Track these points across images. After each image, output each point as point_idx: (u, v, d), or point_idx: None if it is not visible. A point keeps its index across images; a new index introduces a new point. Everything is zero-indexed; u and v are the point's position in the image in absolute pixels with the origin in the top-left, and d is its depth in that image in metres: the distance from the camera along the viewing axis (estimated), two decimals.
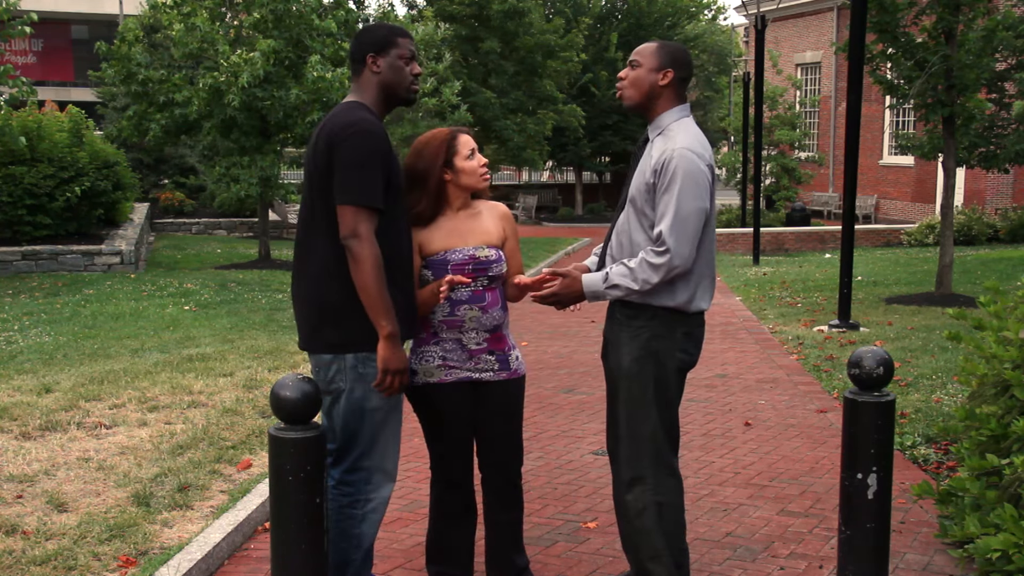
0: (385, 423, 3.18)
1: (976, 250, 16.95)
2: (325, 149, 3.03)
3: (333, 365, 3.11)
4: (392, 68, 3.15)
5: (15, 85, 12.11)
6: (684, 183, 3.10)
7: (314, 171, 3.08)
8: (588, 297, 3.23)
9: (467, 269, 3.33)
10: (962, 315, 4.33)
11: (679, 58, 3.26)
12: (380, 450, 3.20)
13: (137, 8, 23.94)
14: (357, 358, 3.09)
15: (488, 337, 3.39)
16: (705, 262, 3.27)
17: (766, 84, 22.09)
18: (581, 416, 6.25)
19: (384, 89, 3.17)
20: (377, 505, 3.24)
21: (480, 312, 3.35)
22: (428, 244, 3.34)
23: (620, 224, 3.31)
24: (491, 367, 3.41)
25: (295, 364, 7.32)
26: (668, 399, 3.29)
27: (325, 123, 3.10)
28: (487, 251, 3.37)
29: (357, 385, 3.11)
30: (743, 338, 9.16)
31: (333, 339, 3.09)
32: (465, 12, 25.78)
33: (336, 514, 3.20)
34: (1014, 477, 3.54)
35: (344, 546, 3.22)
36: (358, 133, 3.01)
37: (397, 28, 3.21)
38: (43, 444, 5.24)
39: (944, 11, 10.15)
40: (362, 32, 3.23)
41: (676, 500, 3.31)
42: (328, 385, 3.13)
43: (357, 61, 3.17)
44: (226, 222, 21.96)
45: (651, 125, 3.29)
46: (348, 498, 3.21)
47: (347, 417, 3.14)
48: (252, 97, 13.71)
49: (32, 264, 13.51)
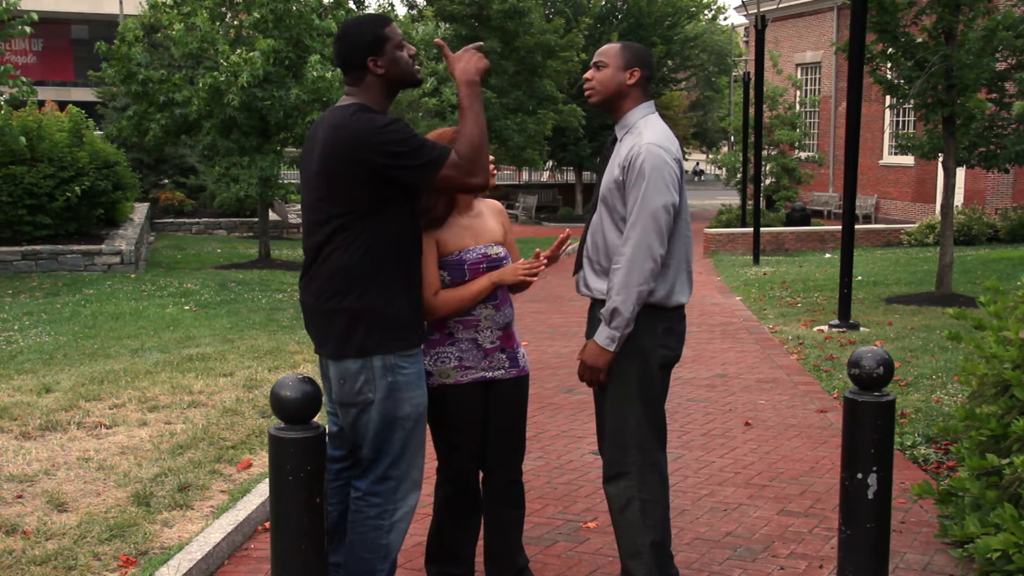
0: (414, 431, 3.10)
1: (976, 250, 16.95)
2: (348, 158, 2.92)
3: (361, 375, 3.01)
4: (393, 62, 3.05)
5: (15, 85, 12.12)
6: (652, 178, 3.13)
7: (331, 178, 2.96)
8: (607, 343, 3.20)
9: (482, 268, 3.35)
10: (962, 315, 4.33)
11: (643, 57, 3.32)
12: (409, 459, 3.12)
13: (137, 8, 23.97)
14: (385, 363, 3.00)
15: (500, 335, 3.43)
16: (680, 256, 3.28)
17: (766, 84, 22.10)
18: (581, 416, 6.25)
19: (390, 84, 3.08)
20: (405, 514, 3.15)
21: (494, 310, 3.38)
22: (444, 245, 3.35)
23: (594, 224, 3.34)
24: (502, 365, 3.44)
25: (295, 364, 7.32)
26: (653, 395, 3.30)
27: (333, 132, 2.97)
28: (496, 248, 3.42)
29: (387, 394, 3.02)
30: (743, 338, 9.15)
31: (359, 344, 2.99)
32: (465, 12, 25.79)
33: (362, 526, 3.12)
34: (1014, 477, 3.54)
35: (370, 557, 3.12)
36: (381, 131, 2.91)
37: (379, 18, 3.08)
38: (43, 444, 5.24)
39: (944, 11, 10.15)
40: (348, 35, 3.06)
41: (660, 498, 3.32)
42: (356, 396, 3.03)
43: (357, 68, 3.04)
44: (226, 222, 21.97)
45: (618, 124, 3.34)
46: (376, 509, 3.11)
47: (378, 427, 3.05)
48: (252, 97, 13.71)
49: (32, 264, 13.51)
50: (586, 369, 3.28)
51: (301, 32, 14.16)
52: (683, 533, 4.25)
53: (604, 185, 3.28)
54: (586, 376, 3.29)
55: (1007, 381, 3.91)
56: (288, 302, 11.26)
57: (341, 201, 2.97)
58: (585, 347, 3.29)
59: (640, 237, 3.13)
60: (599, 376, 3.26)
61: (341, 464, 3.30)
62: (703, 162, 53.61)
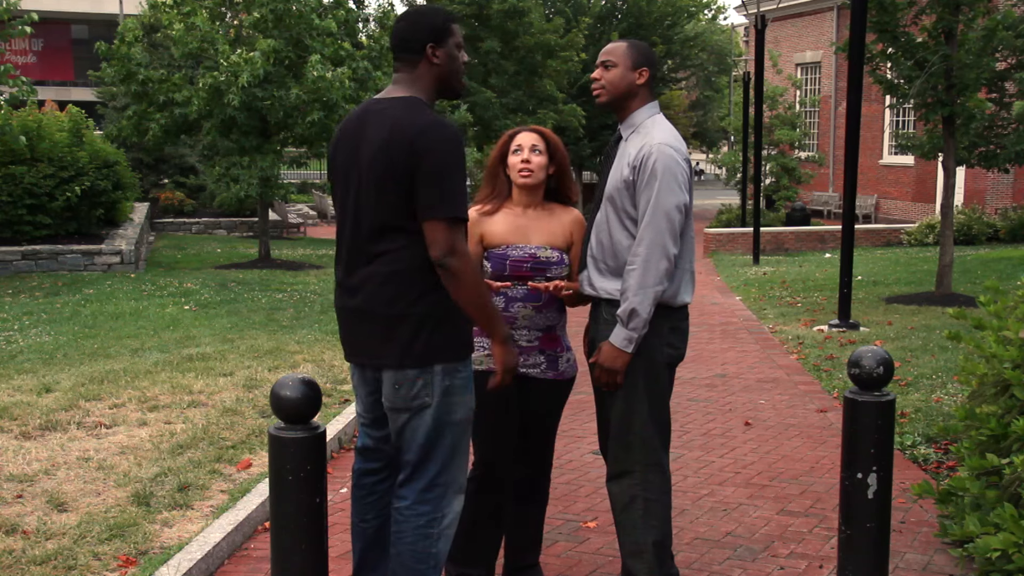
0: (463, 436, 3.02)
1: (976, 250, 16.94)
2: (407, 152, 2.76)
3: (419, 380, 2.89)
4: (450, 58, 2.92)
5: (15, 85, 12.12)
6: (664, 178, 3.13)
7: (386, 175, 2.80)
8: (624, 345, 3.18)
9: (526, 267, 3.34)
10: (962, 315, 4.33)
11: (651, 56, 3.32)
12: (457, 464, 3.02)
13: (137, 8, 23.96)
14: (445, 370, 2.90)
15: (541, 336, 3.41)
16: (686, 256, 3.28)
17: (766, 84, 22.09)
18: (581, 416, 6.25)
19: (440, 81, 2.93)
20: (452, 521, 3.03)
21: (534, 312, 3.37)
22: (490, 236, 3.37)
23: (599, 224, 3.32)
24: (539, 364, 3.43)
25: (295, 364, 7.32)
26: (658, 394, 3.30)
27: (395, 125, 2.80)
28: (549, 252, 3.39)
29: (443, 399, 2.92)
30: (743, 338, 9.15)
31: (421, 351, 2.87)
32: (465, 12, 25.77)
33: (410, 535, 2.98)
34: (1014, 477, 3.54)
35: (421, 567, 2.99)
36: (445, 140, 2.77)
37: (449, 13, 2.96)
38: (43, 444, 5.24)
39: (944, 11, 10.15)
40: (415, 17, 2.92)
41: (663, 498, 3.32)
42: (411, 401, 2.91)
43: (414, 51, 2.88)
44: (226, 222, 21.98)
45: (624, 123, 3.33)
46: (424, 517, 2.98)
47: (430, 432, 2.93)
48: (252, 97, 13.71)
49: (32, 264, 13.51)
50: (604, 372, 3.24)
51: (301, 32, 14.17)
52: (683, 533, 4.25)
53: (611, 184, 3.27)
54: (603, 379, 3.26)
55: (1007, 381, 3.91)
56: (288, 302, 11.26)
57: (395, 199, 2.81)
58: (600, 350, 3.25)
59: (654, 237, 3.13)
60: (616, 378, 3.24)
61: (376, 477, 3.19)
62: (703, 162, 53.60)
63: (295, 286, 12.80)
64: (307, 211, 27.03)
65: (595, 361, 3.29)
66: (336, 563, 3.69)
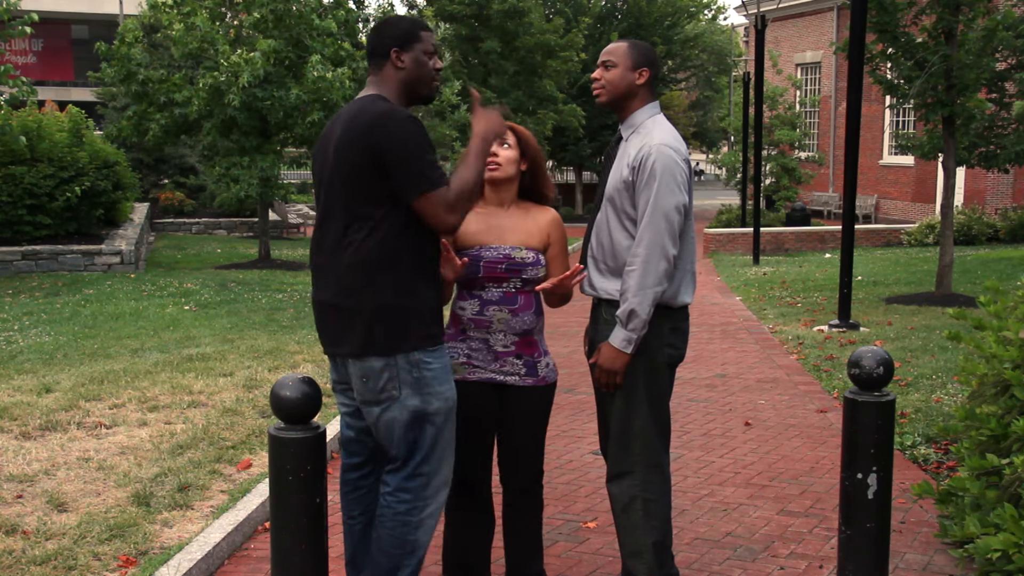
0: (445, 426, 3.05)
1: (976, 250, 16.94)
2: (362, 144, 2.87)
3: (384, 373, 2.95)
4: (416, 63, 3.03)
5: (15, 85, 12.12)
6: (663, 179, 3.13)
7: (346, 167, 2.91)
8: (624, 345, 3.18)
9: (500, 268, 3.26)
10: (962, 315, 4.33)
11: (652, 57, 3.32)
12: (439, 455, 3.06)
13: (137, 8, 23.97)
14: (410, 361, 2.95)
15: (517, 340, 3.33)
16: (687, 256, 3.28)
17: (766, 84, 22.09)
18: (581, 416, 6.25)
19: (406, 85, 3.04)
20: (434, 511, 3.10)
21: (510, 315, 3.28)
22: (462, 236, 3.28)
23: (599, 224, 3.32)
24: (517, 371, 3.35)
25: (295, 364, 7.32)
26: (659, 394, 3.30)
27: (351, 120, 2.93)
28: (524, 252, 3.30)
29: (412, 391, 2.96)
30: (743, 338, 9.15)
31: (382, 341, 2.93)
32: (465, 12, 25.77)
33: (391, 521, 3.06)
34: (1014, 477, 3.54)
35: (398, 553, 3.07)
36: (398, 122, 2.87)
37: (419, 21, 3.09)
38: (43, 444, 5.24)
39: (944, 11, 10.15)
40: (383, 25, 3.07)
41: (663, 498, 3.31)
42: (379, 394, 2.97)
43: (379, 55, 3.03)
44: (226, 222, 21.97)
45: (624, 123, 3.33)
46: (405, 505, 3.05)
47: (407, 425, 2.99)
48: (252, 97, 13.71)
49: (32, 264, 13.51)
50: (603, 372, 3.24)
51: (301, 32, 14.17)
52: (683, 533, 4.25)
53: (611, 185, 3.27)
54: (603, 380, 3.26)
55: (1007, 381, 3.91)
56: (288, 302, 11.26)
57: (355, 191, 2.91)
58: (600, 351, 3.25)
59: (653, 238, 3.13)
60: (616, 379, 3.24)
61: (359, 472, 3.23)
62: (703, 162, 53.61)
63: (295, 286, 12.80)
64: (307, 211, 27.01)
65: (595, 362, 3.29)
66: (336, 563, 3.69)
